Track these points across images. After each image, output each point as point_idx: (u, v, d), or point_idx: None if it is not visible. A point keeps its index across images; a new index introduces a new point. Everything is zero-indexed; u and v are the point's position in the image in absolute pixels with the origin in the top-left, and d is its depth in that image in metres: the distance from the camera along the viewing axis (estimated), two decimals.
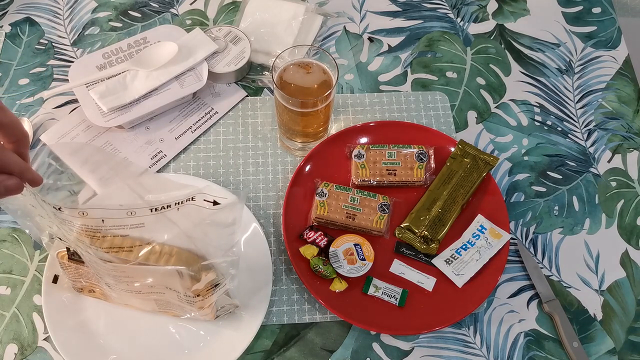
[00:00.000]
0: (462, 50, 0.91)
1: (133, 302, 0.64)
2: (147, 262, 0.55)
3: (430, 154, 0.77)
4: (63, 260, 0.61)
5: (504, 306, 0.72)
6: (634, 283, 0.74)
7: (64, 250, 0.60)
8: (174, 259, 0.55)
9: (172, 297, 0.59)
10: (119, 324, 0.67)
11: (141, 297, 0.60)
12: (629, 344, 0.70)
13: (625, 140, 0.84)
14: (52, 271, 0.68)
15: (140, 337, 0.67)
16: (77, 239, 0.53)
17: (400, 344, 0.69)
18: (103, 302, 0.68)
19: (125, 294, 0.60)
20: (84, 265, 0.59)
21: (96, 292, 0.66)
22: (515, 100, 0.87)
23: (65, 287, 0.68)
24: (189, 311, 0.62)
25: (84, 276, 0.62)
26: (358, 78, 0.87)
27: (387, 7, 0.95)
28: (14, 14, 0.92)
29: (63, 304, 0.67)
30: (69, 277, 0.64)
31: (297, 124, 0.75)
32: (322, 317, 0.70)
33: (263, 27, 0.88)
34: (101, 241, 0.55)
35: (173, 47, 0.81)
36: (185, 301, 0.58)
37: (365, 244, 0.71)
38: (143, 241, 0.56)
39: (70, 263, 0.60)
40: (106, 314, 0.68)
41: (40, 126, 0.81)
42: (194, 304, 0.58)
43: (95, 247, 0.53)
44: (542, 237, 0.76)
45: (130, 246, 0.55)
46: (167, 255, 0.56)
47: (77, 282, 0.64)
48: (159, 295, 0.59)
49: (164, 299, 0.60)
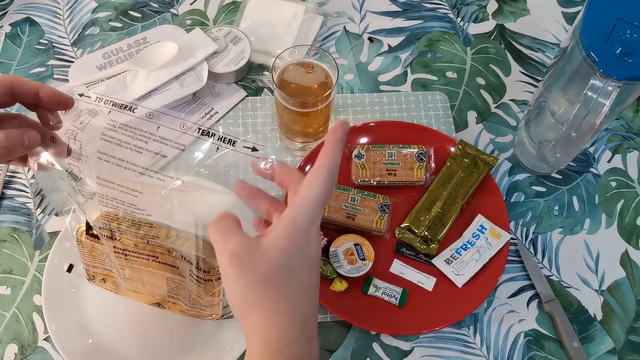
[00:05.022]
0: (462, 50, 0.91)
1: (145, 285, 0.63)
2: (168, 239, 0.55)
3: (430, 154, 0.77)
4: (81, 237, 0.60)
5: (504, 306, 0.72)
6: (634, 283, 0.74)
7: (83, 226, 0.59)
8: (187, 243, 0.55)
9: (185, 271, 0.58)
10: (119, 323, 0.67)
11: (155, 272, 0.60)
12: (629, 344, 0.70)
13: (625, 140, 0.84)
14: (60, 259, 0.68)
15: (141, 337, 0.67)
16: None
17: (400, 344, 0.69)
18: (103, 302, 0.68)
19: (139, 273, 0.60)
20: (100, 243, 0.59)
21: (107, 283, 0.65)
22: (515, 100, 0.87)
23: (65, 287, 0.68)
24: (196, 301, 0.61)
25: (97, 258, 0.62)
26: (358, 78, 0.87)
27: (387, 7, 0.95)
28: (14, 14, 0.92)
29: (63, 304, 0.67)
30: (83, 261, 0.63)
31: (297, 124, 0.75)
32: (322, 317, 0.70)
33: (263, 27, 0.88)
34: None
35: (173, 47, 0.81)
36: (195, 278, 0.57)
37: (366, 244, 0.71)
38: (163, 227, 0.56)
39: (87, 240, 0.60)
40: (107, 314, 0.68)
41: None
42: (204, 283, 0.57)
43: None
44: (542, 237, 0.76)
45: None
46: (183, 238, 0.56)
47: (91, 267, 0.64)
48: (173, 272, 0.59)
49: (178, 275, 0.59)
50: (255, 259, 0.40)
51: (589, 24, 0.60)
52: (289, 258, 0.41)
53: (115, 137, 0.52)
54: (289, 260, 0.41)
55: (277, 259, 0.40)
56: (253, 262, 0.40)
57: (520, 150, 0.81)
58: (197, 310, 0.63)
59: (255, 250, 0.40)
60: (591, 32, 0.60)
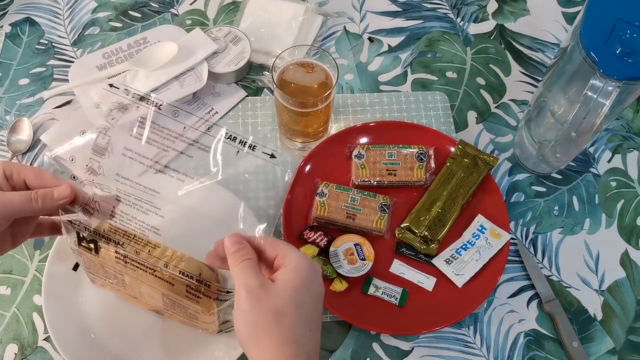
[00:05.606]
0: (462, 50, 0.91)
1: (142, 295, 0.63)
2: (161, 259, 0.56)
3: (430, 154, 0.77)
4: (75, 247, 0.60)
5: (504, 306, 0.72)
6: (634, 283, 0.74)
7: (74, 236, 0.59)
8: (184, 263, 0.56)
9: (180, 290, 0.58)
10: (119, 324, 0.67)
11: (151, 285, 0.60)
12: (629, 344, 0.70)
13: (625, 140, 0.84)
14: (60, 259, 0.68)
15: (141, 337, 0.67)
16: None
17: (400, 344, 0.69)
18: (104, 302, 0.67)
19: (137, 283, 0.60)
20: (92, 254, 0.58)
21: (107, 287, 0.65)
22: (515, 100, 0.87)
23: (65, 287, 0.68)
24: (193, 315, 0.61)
25: (93, 267, 0.62)
26: (358, 78, 0.87)
27: (387, 7, 0.95)
28: (14, 14, 0.92)
29: (63, 304, 0.67)
30: (83, 267, 0.63)
31: (297, 124, 0.75)
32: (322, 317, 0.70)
33: (263, 27, 0.88)
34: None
35: (173, 47, 0.81)
36: (194, 294, 0.57)
37: (366, 244, 0.71)
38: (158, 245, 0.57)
39: (80, 250, 0.59)
40: (107, 314, 0.68)
41: (40, 126, 0.81)
42: (202, 299, 0.57)
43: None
44: (542, 237, 0.76)
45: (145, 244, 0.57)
46: (177, 258, 0.56)
47: (89, 273, 0.63)
48: (169, 289, 0.58)
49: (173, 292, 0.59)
50: (269, 296, 0.46)
51: (589, 24, 0.60)
52: (298, 295, 0.47)
53: (142, 134, 0.56)
54: (299, 297, 0.47)
55: (288, 297, 0.46)
56: (267, 298, 0.46)
57: (520, 150, 0.81)
58: (194, 323, 0.63)
59: (270, 288, 0.47)
60: (591, 32, 0.60)
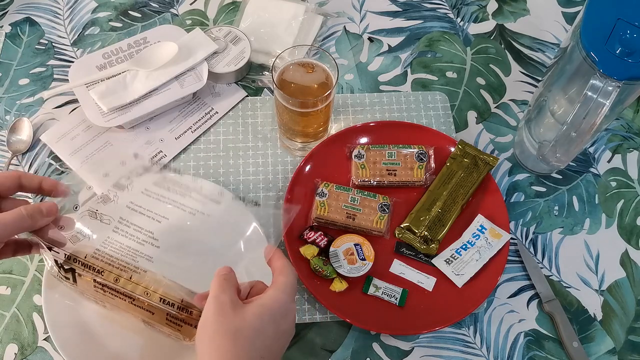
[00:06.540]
0: (462, 50, 0.91)
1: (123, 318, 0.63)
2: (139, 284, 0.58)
3: (430, 154, 0.77)
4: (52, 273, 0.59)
5: (504, 306, 0.72)
6: (634, 283, 0.74)
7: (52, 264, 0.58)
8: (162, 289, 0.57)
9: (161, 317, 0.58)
10: (119, 324, 0.67)
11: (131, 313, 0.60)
12: (629, 344, 0.70)
13: (625, 140, 0.84)
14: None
15: (141, 337, 0.67)
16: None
17: (400, 344, 0.69)
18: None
19: (117, 310, 0.60)
20: (70, 282, 0.58)
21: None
22: (515, 100, 0.87)
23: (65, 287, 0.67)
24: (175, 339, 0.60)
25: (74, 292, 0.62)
26: (358, 78, 0.87)
27: (387, 7, 0.95)
28: (14, 14, 0.92)
29: (63, 304, 0.67)
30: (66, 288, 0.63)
31: (297, 124, 0.75)
32: (322, 317, 0.70)
33: (263, 27, 0.88)
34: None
35: (173, 47, 0.81)
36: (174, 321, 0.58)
37: (366, 244, 0.71)
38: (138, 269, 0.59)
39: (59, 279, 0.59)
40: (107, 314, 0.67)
41: (40, 126, 0.81)
42: (181, 327, 0.58)
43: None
44: (542, 237, 0.76)
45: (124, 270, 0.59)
46: (156, 282, 0.57)
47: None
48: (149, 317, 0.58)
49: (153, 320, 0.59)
50: (234, 314, 0.48)
51: (589, 24, 0.60)
52: (261, 323, 0.49)
53: (159, 193, 0.64)
54: (261, 324, 0.49)
55: (251, 321, 0.48)
56: (232, 315, 0.48)
57: (520, 150, 0.81)
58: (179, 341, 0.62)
59: (238, 308, 0.49)
60: (591, 32, 0.60)
